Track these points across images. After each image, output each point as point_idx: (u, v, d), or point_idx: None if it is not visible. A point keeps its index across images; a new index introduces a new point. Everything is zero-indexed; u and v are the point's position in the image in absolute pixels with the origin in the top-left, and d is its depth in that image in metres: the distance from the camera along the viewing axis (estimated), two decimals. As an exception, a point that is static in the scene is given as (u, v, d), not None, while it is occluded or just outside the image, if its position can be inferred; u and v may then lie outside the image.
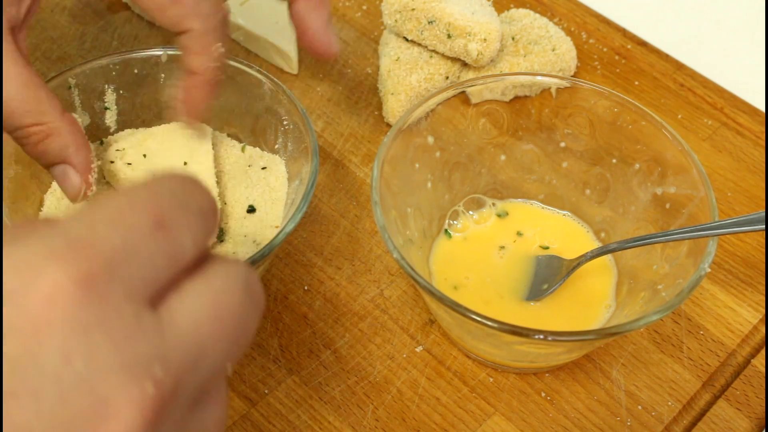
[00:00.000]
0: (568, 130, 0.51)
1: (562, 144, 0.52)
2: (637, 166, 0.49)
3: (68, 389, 0.22)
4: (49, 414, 0.22)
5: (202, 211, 0.27)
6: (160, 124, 0.54)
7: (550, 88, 0.51)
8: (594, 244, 0.51)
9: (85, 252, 0.23)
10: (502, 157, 0.52)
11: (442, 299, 0.41)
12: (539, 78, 0.52)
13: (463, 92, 0.51)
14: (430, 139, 0.50)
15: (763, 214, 0.45)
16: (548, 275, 0.49)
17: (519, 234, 0.51)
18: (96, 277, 0.23)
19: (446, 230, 0.51)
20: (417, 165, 0.50)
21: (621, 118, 0.49)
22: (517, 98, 0.53)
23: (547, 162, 0.52)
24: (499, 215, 0.52)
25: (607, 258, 0.50)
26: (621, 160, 0.50)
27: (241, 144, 0.53)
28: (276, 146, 0.51)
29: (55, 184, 0.50)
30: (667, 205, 0.48)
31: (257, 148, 0.53)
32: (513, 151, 0.52)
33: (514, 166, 0.53)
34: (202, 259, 0.26)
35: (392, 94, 0.58)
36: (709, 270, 0.42)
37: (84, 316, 0.22)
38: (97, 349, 0.22)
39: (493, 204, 0.53)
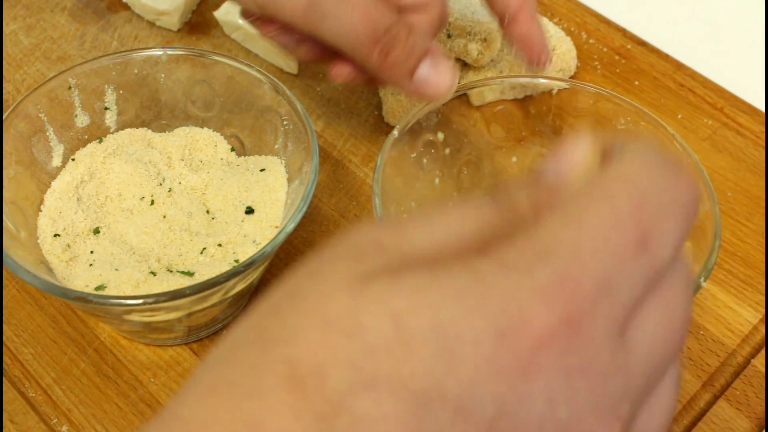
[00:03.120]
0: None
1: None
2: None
3: None
4: None
5: (684, 210, 0.24)
6: (160, 123, 0.54)
7: (551, 89, 0.51)
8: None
9: (572, 289, 0.21)
10: (514, 159, 0.52)
11: None
12: (542, 80, 0.52)
13: (464, 93, 0.51)
14: (440, 136, 0.50)
15: None
16: None
17: None
18: (581, 316, 0.21)
19: None
20: (425, 160, 0.49)
21: (629, 124, 0.49)
22: (515, 99, 0.53)
23: None
24: None
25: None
26: None
27: (240, 146, 0.54)
28: (276, 146, 0.51)
29: (55, 184, 0.50)
30: None
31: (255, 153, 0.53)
32: (525, 153, 0.52)
33: (525, 168, 0.53)
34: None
35: (392, 94, 0.58)
36: (704, 285, 0.42)
37: (569, 360, 0.21)
38: (577, 394, 0.21)
39: None
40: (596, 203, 0.23)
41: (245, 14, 0.47)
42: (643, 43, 0.65)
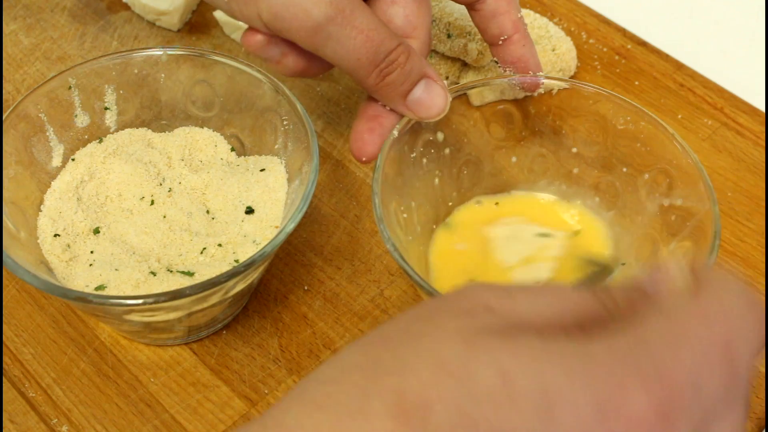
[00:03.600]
0: (578, 135, 0.51)
1: (574, 149, 0.51)
2: (646, 176, 0.49)
3: None
4: None
5: (758, 340, 0.27)
6: (160, 123, 0.54)
7: (551, 90, 0.51)
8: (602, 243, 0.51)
9: (668, 383, 0.24)
10: (514, 159, 0.52)
11: (431, 293, 0.41)
12: (542, 81, 0.52)
13: (464, 93, 0.51)
14: (440, 136, 0.50)
15: None
16: None
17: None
18: (672, 410, 0.24)
19: (446, 222, 0.51)
20: (424, 160, 0.49)
21: (629, 124, 0.49)
22: (515, 99, 0.53)
23: (558, 167, 0.52)
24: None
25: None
26: (632, 169, 0.50)
27: (240, 146, 0.53)
28: (276, 146, 0.51)
29: (55, 184, 0.50)
30: (673, 217, 0.47)
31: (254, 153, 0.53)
32: (525, 153, 0.52)
33: (525, 169, 0.53)
34: None
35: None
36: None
37: None
38: None
39: (497, 204, 0.53)
40: (696, 319, 0.26)
41: (248, 35, 0.46)
42: (643, 43, 0.65)
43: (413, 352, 0.23)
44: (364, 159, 0.47)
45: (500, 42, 0.49)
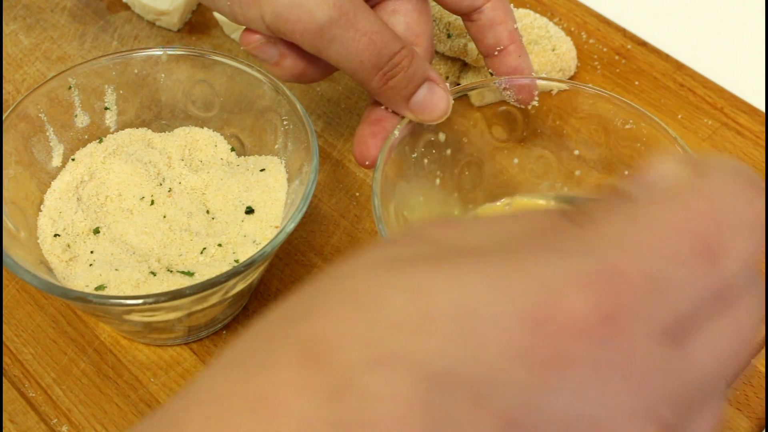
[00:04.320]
0: (580, 137, 0.51)
1: (576, 152, 0.51)
2: None
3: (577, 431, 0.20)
4: None
5: (754, 226, 0.22)
6: (160, 123, 0.54)
7: (550, 90, 0.51)
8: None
9: (615, 281, 0.20)
10: (516, 161, 0.52)
11: None
12: (542, 82, 0.51)
13: (465, 94, 0.51)
14: (442, 136, 0.50)
15: None
16: None
17: None
18: (621, 312, 0.20)
19: None
20: (426, 161, 0.49)
21: (630, 126, 0.49)
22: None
23: (560, 169, 0.52)
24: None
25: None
26: (634, 171, 0.50)
27: (240, 146, 0.53)
28: (276, 146, 0.51)
29: (55, 184, 0.50)
30: None
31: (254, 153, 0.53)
32: (527, 155, 0.52)
33: (526, 170, 0.53)
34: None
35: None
36: None
37: (603, 355, 0.20)
38: (608, 391, 0.20)
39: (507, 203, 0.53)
40: (667, 207, 0.22)
41: (247, 35, 0.46)
42: (643, 43, 0.65)
43: (328, 291, 0.21)
44: (367, 163, 0.47)
45: (496, 53, 0.49)
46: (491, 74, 0.51)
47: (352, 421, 0.19)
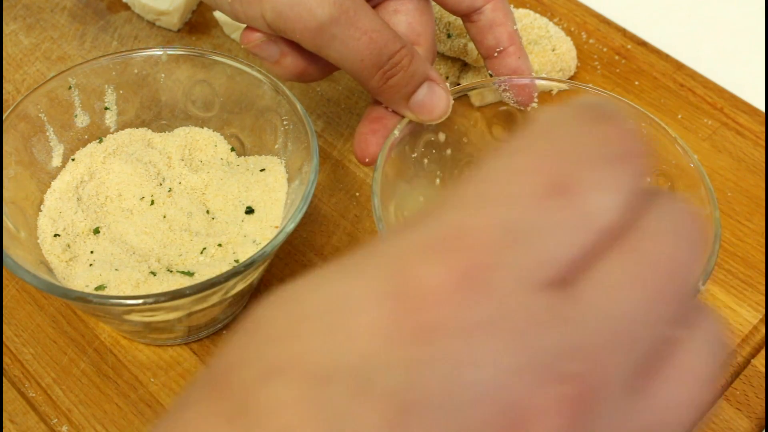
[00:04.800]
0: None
1: None
2: (648, 179, 0.49)
3: (470, 404, 0.18)
4: (458, 430, 0.18)
5: (618, 155, 0.21)
6: (160, 123, 0.54)
7: (550, 90, 0.51)
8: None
9: (464, 240, 0.19)
10: None
11: None
12: (541, 82, 0.51)
13: (465, 94, 0.51)
14: (442, 136, 0.50)
15: None
16: None
17: None
18: (477, 268, 0.19)
19: None
20: (426, 161, 0.49)
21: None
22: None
23: None
24: None
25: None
26: None
27: (240, 146, 0.53)
28: (276, 146, 0.51)
29: (55, 184, 0.50)
30: None
31: (254, 153, 0.53)
32: None
33: None
34: (631, 213, 0.21)
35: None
36: (703, 288, 0.42)
37: (472, 317, 0.19)
38: (492, 353, 0.19)
39: None
40: (509, 156, 0.21)
41: (247, 33, 0.46)
42: (643, 43, 0.65)
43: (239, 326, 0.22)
44: (367, 160, 0.47)
45: (495, 54, 0.49)
46: (491, 75, 0.51)
47: None
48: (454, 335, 0.19)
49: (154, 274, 0.46)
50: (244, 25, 0.45)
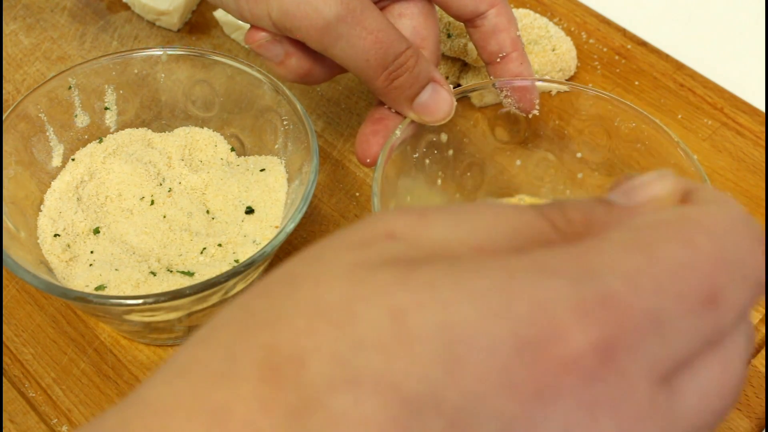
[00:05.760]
0: (583, 139, 0.51)
1: (579, 154, 0.51)
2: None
3: None
4: None
5: (755, 278, 0.21)
6: (160, 123, 0.54)
7: (550, 91, 0.51)
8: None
9: (616, 315, 0.19)
10: (518, 162, 0.52)
11: None
12: (541, 83, 0.51)
13: (466, 95, 0.51)
14: (444, 137, 0.50)
15: None
16: None
17: None
18: (619, 347, 0.19)
19: None
20: (427, 161, 0.49)
21: (632, 128, 0.49)
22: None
23: (563, 171, 0.52)
24: None
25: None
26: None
27: (240, 146, 0.53)
28: (276, 146, 0.51)
29: (55, 184, 0.50)
30: None
31: (254, 153, 0.53)
32: (529, 156, 0.52)
33: (529, 172, 0.52)
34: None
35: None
36: None
37: (597, 391, 0.18)
38: (597, 429, 0.19)
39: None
40: (674, 239, 0.20)
41: (252, 33, 0.46)
42: (643, 43, 0.65)
43: (291, 299, 0.19)
44: (368, 161, 0.47)
45: (498, 59, 0.49)
46: (494, 86, 0.51)
47: None
48: (574, 404, 0.18)
49: (154, 274, 0.46)
50: (245, 26, 0.45)
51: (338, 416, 0.17)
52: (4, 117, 0.48)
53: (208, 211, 0.50)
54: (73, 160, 0.51)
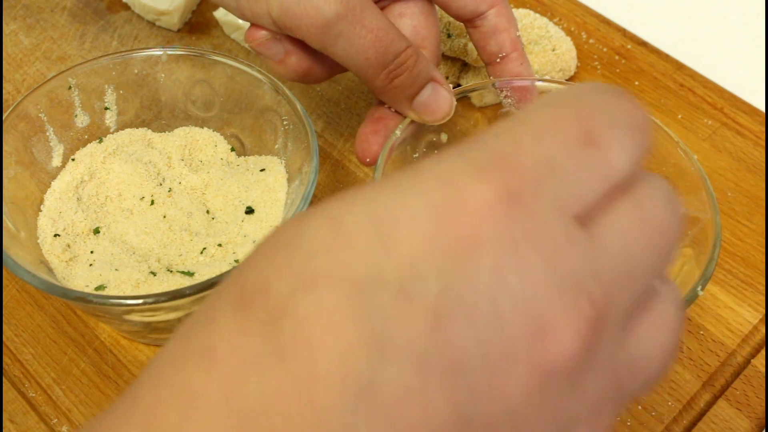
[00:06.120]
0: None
1: None
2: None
3: (504, 309, 0.20)
4: (486, 336, 0.20)
5: (632, 126, 0.24)
6: (160, 123, 0.54)
7: (550, 91, 0.51)
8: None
9: (510, 167, 0.21)
10: None
11: None
12: (541, 83, 0.51)
13: (466, 95, 0.51)
14: (444, 137, 0.50)
15: None
16: None
17: None
18: (522, 191, 0.21)
19: None
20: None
21: None
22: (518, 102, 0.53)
23: None
24: None
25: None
26: None
27: (240, 146, 0.53)
28: (276, 146, 0.51)
29: (55, 184, 0.50)
30: None
31: (254, 153, 0.53)
32: None
33: None
34: (631, 178, 0.24)
35: (392, 94, 0.57)
36: (701, 293, 0.42)
37: (513, 233, 0.20)
38: (530, 265, 0.20)
39: None
40: (540, 108, 0.23)
41: (252, 31, 0.46)
42: (643, 43, 0.65)
43: (255, 251, 0.22)
44: (368, 160, 0.47)
45: (498, 60, 0.49)
46: (494, 86, 0.51)
47: (290, 344, 0.20)
48: (496, 247, 0.20)
49: (154, 274, 0.46)
50: (245, 26, 0.45)
51: (304, 315, 0.20)
52: (4, 117, 0.48)
53: (208, 211, 0.50)
54: (73, 160, 0.51)
